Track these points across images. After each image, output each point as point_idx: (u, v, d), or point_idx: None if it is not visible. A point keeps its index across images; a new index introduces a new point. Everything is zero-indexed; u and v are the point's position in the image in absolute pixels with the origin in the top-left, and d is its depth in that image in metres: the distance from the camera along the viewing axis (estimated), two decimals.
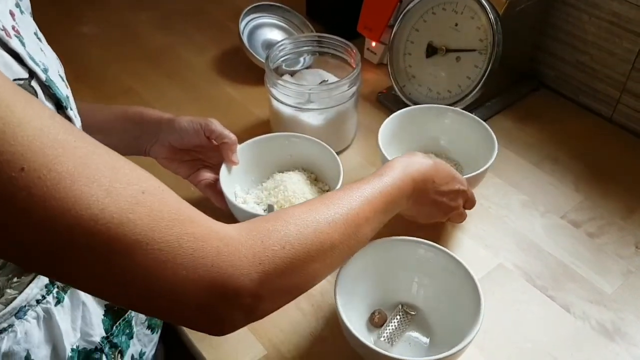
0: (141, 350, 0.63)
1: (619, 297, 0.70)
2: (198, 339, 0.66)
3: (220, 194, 0.73)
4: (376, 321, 0.66)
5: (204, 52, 1.12)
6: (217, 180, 0.75)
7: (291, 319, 0.68)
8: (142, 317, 0.63)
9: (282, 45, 0.89)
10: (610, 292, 0.70)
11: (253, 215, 0.71)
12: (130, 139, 0.72)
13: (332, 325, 0.67)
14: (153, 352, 0.66)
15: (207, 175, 0.76)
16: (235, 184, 0.78)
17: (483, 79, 0.86)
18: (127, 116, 0.72)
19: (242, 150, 0.76)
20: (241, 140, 0.77)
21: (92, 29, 1.18)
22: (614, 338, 0.66)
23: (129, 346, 0.60)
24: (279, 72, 0.95)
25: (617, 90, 0.91)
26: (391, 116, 0.81)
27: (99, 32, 1.17)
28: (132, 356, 0.61)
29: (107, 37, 1.16)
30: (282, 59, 0.91)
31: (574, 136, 0.91)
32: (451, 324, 0.63)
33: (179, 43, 1.14)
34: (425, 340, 0.65)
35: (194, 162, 0.77)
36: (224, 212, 0.74)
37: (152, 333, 0.65)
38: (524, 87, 1.00)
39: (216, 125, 0.73)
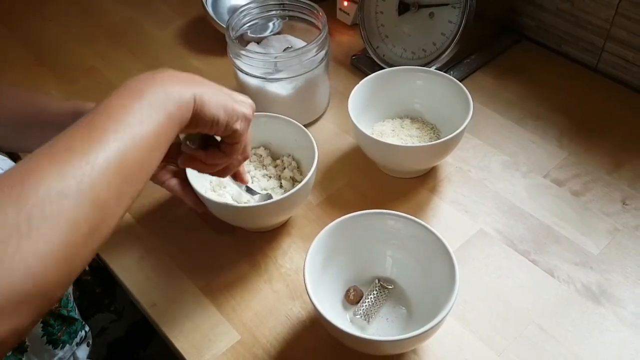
0: None
1: (605, 257, 0.67)
2: (168, 329, 0.64)
3: (191, 191, 0.65)
4: (351, 298, 0.63)
5: (167, 23, 1.06)
6: (184, 177, 0.66)
7: (265, 301, 0.66)
8: (38, 332, 0.60)
9: (244, 11, 0.84)
10: (596, 252, 0.67)
11: (227, 207, 0.66)
12: None
13: (309, 305, 0.65)
14: None
15: (173, 171, 0.67)
16: (207, 176, 0.67)
17: (458, 35, 0.81)
18: (76, 111, 0.64)
19: None
20: None
21: (50, 7, 1.12)
22: (600, 301, 0.63)
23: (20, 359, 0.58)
24: (244, 40, 0.90)
25: (601, 38, 0.86)
26: (360, 82, 0.76)
27: (57, 10, 1.12)
28: None
29: (66, 15, 1.10)
30: (246, 25, 0.86)
31: (558, 89, 0.87)
32: (429, 296, 0.60)
33: (140, 16, 1.09)
34: (404, 314, 0.63)
35: None
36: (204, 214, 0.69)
37: (55, 349, 0.62)
38: (504, 41, 0.95)
39: None
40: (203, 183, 0.71)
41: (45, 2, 1.14)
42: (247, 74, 0.80)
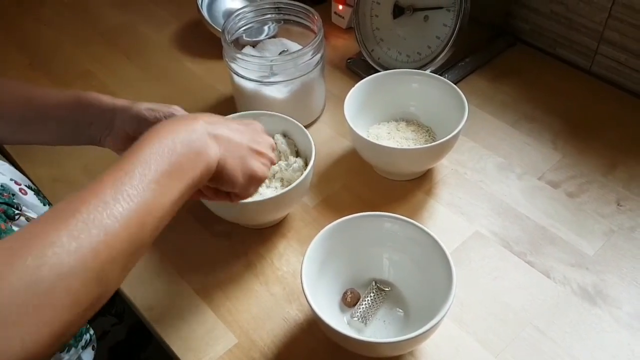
0: None
1: (601, 258, 0.67)
2: (165, 333, 0.63)
3: None
4: (348, 300, 0.63)
5: (163, 27, 1.06)
6: None
7: (262, 304, 0.66)
8: None
9: (239, 14, 0.84)
10: (591, 253, 0.68)
11: (226, 204, 0.66)
12: (81, 127, 0.66)
13: (306, 308, 0.65)
14: None
15: None
16: None
17: (452, 38, 0.81)
18: (79, 102, 0.65)
19: None
20: None
21: (46, 11, 1.12)
22: (596, 301, 0.63)
23: None
24: (239, 44, 0.90)
25: (594, 41, 0.87)
26: (356, 86, 0.76)
27: (52, 13, 1.12)
28: None
29: (61, 19, 1.10)
30: (242, 29, 0.86)
31: (552, 92, 0.88)
32: (426, 298, 0.60)
33: (136, 20, 1.09)
34: (401, 316, 0.63)
35: None
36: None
37: (61, 352, 0.61)
38: (499, 44, 0.95)
39: (182, 113, 0.65)
40: None
41: (41, 5, 1.14)
42: (242, 77, 0.80)
